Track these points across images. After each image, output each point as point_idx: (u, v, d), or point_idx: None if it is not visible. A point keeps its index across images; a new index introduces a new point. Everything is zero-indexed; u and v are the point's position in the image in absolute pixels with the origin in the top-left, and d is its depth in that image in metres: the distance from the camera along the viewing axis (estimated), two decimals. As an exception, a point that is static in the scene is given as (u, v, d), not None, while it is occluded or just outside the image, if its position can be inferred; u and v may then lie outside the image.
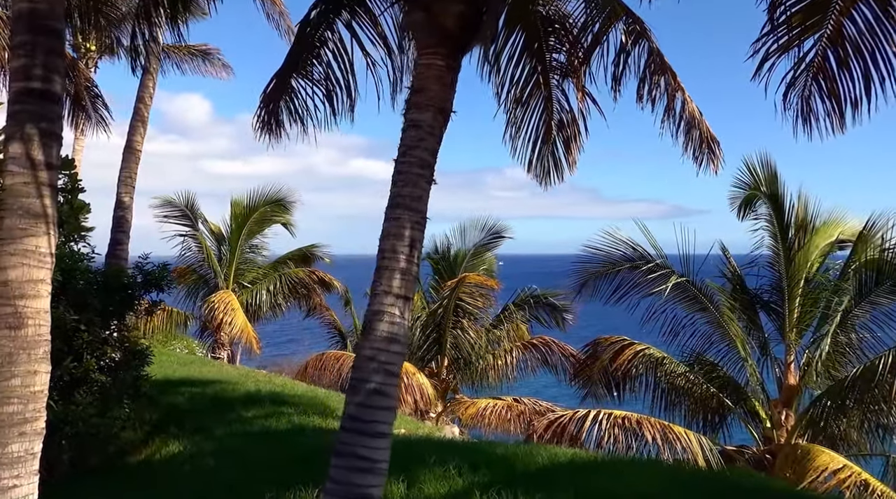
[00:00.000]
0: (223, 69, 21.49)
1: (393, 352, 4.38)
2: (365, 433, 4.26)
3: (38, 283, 4.40)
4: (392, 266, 4.45)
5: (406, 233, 4.49)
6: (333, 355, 18.47)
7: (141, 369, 8.83)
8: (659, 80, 7.52)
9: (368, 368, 4.34)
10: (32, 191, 4.39)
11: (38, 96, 4.46)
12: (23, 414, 4.27)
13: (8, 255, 4.32)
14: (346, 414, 4.38)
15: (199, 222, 19.51)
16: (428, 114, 4.68)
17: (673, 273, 12.20)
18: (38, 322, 4.38)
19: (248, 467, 7.31)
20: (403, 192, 4.58)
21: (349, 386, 4.48)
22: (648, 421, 11.47)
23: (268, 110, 6.81)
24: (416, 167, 4.60)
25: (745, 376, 12.22)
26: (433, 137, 4.71)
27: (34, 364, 4.34)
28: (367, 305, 4.51)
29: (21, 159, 4.38)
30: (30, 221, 4.37)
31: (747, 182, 12.77)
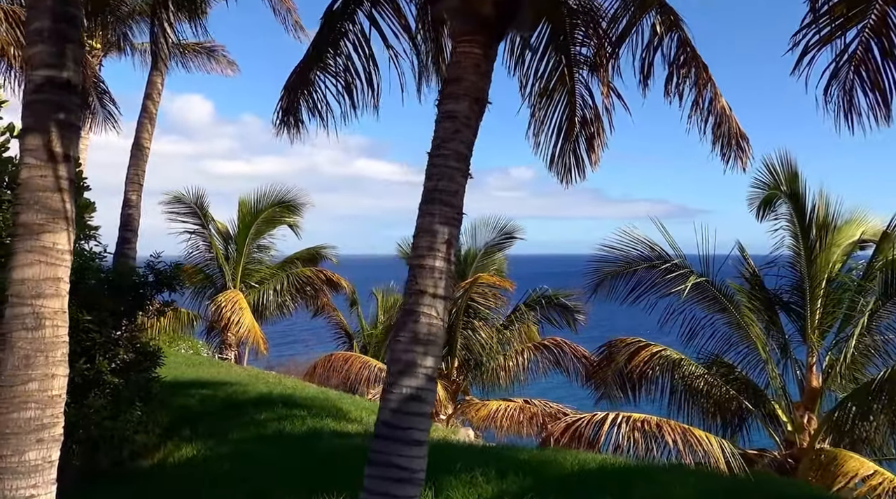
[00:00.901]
0: (228, 66, 21.25)
1: (430, 355, 4.15)
2: (401, 441, 4.04)
3: (55, 281, 4.18)
4: (428, 264, 4.23)
5: (442, 229, 4.27)
6: (342, 356, 18.25)
7: (152, 371, 8.60)
8: (689, 73, 7.29)
9: (404, 372, 4.11)
10: (50, 185, 4.17)
11: (55, 86, 4.24)
12: (40, 420, 4.05)
13: (24, 252, 4.10)
14: (381, 420, 4.16)
15: (207, 221, 19.27)
16: (464, 104, 4.46)
17: (692, 273, 11.95)
18: (56, 323, 4.16)
19: (267, 472, 7.09)
20: (439, 186, 4.35)
21: (383, 391, 4.25)
22: (668, 424, 11.21)
23: (287, 106, 6.61)
24: (451, 160, 4.38)
25: (766, 378, 11.97)
26: (469, 129, 4.48)
27: (52, 367, 4.12)
28: (402, 305, 4.28)
29: (39, 152, 4.16)
30: (47, 217, 4.15)
31: (766, 182, 12.52)
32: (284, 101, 6.44)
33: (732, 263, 12.90)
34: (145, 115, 13.56)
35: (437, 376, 4.29)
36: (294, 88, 6.65)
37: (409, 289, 4.28)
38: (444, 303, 4.29)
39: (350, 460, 7.64)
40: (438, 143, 4.45)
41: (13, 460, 3.95)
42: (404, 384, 4.10)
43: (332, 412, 10.60)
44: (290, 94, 6.58)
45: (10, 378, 4.01)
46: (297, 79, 6.70)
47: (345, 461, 7.60)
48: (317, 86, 6.77)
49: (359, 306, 22.71)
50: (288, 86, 6.67)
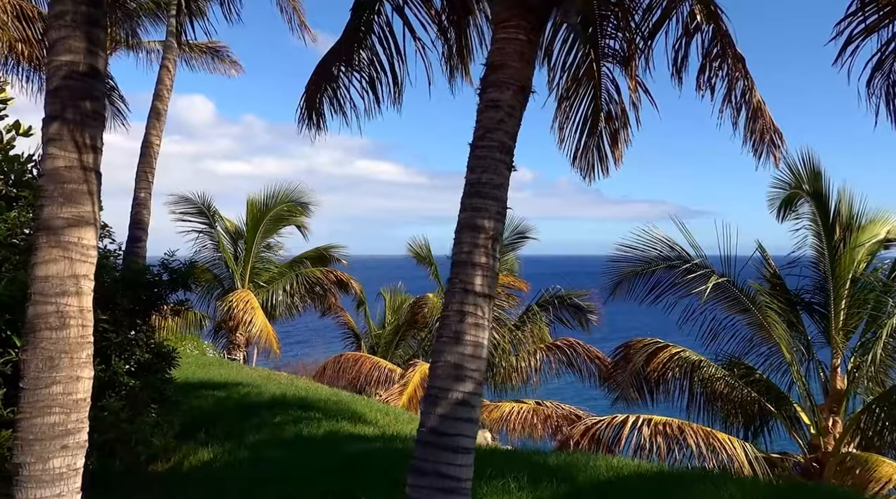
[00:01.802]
0: (232, 66, 21.04)
1: (478, 357, 3.92)
2: (448, 449, 3.81)
3: (80, 278, 3.95)
4: (473, 261, 4.00)
5: (487, 224, 4.04)
6: (351, 357, 18.08)
7: (167, 372, 8.36)
8: (722, 65, 7.06)
9: (451, 376, 3.88)
10: (75, 176, 3.95)
11: (80, 72, 4.02)
12: (65, 425, 3.82)
13: (48, 247, 3.87)
14: (427, 427, 3.92)
15: (215, 220, 19.05)
16: (508, 93, 4.24)
17: (713, 273, 11.72)
18: (81, 322, 3.94)
19: (288, 477, 6.87)
20: (483, 179, 4.13)
21: (427, 395, 4.02)
22: (690, 427, 11.01)
23: (310, 102, 6.41)
24: (496, 152, 4.15)
25: (788, 380, 11.75)
26: (513, 119, 4.26)
27: (77, 369, 3.90)
28: (445, 305, 4.05)
29: (63, 141, 3.94)
30: (72, 210, 3.92)
31: (788, 181, 12.30)
32: (307, 98, 6.24)
33: (753, 263, 12.70)
34: (154, 112, 13.34)
35: (483, 379, 4.06)
36: (317, 84, 6.45)
37: (453, 287, 4.05)
38: (490, 302, 4.06)
39: (372, 464, 7.43)
40: (482, 133, 4.23)
41: (37, 468, 3.73)
42: (451, 389, 3.87)
43: (347, 415, 10.38)
44: (313, 91, 6.38)
45: (32, 381, 3.79)
46: (320, 74, 6.52)
47: (367, 466, 7.39)
48: (341, 81, 6.59)
49: (366, 306, 22.52)
50: (311, 82, 6.49)
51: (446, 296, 4.09)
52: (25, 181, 8.24)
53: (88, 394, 3.99)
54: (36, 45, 13.81)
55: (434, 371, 4.02)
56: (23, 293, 6.42)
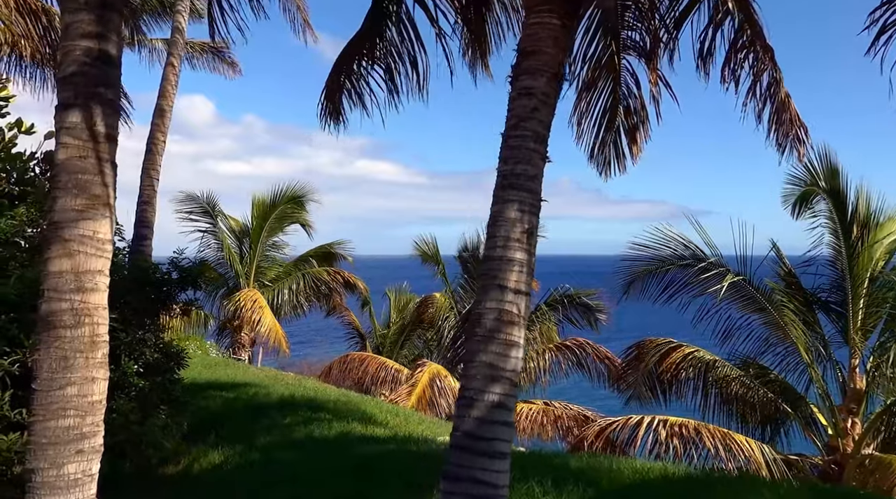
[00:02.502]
0: (231, 68, 20.91)
1: (513, 357, 3.73)
2: (485, 454, 3.61)
3: (95, 274, 3.76)
4: (508, 256, 3.81)
5: (522, 217, 3.85)
6: (357, 357, 17.90)
7: (176, 373, 8.18)
8: (748, 55, 6.86)
9: (486, 377, 3.69)
10: (90, 166, 3.76)
11: (96, 58, 3.82)
12: (80, 429, 3.63)
13: (62, 241, 3.68)
14: (462, 431, 3.72)
15: (219, 219, 18.87)
16: (542, 80, 4.05)
17: (728, 272, 11.53)
18: (95, 320, 3.74)
19: (301, 481, 6.68)
20: (517, 170, 3.93)
21: (461, 397, 3.82)
22: (707, 429, 10.81)
23: (330, 97, 6.26)
24: (530, 141, 3.96)
25: (805, 380, 11.55)
26: (547, 107, 4.07)
27: (92, 370, 3.70)
28: (477, 302, 3.85)
29: (78, 130, 3.75)
30: (87, 202, 3.73)
31: (803, 178, 12.08)
32: (328, 93, 6.08)
33: (766, 263, 12.50)
34: (159, 110, 13.16)
35: (518, 381, 3.87)
36: (337, 79, 6.31)
37: (486, 284, 3.85)
38: (526, 299, 3.87)
39: (385, 467, 7.24)
40: (515, 122, 4.04)
41: (51, 474, 3.54)
42: (486, 390, 3.68)
43: (357, 416, 10.19)
44: (334, 86, 6.23)
45: (46, 382, 3.60)
46: (340, 68, 6.37)
47: (380, 468, 7.21)
48: (360, 73, 6.44)
49: (371, 306, 22.34)
50: (331, 77, 6.34)
51: (479, 293, 3.90)
52: (28, 179, 8.08)
53: (104, 396, 3.80)
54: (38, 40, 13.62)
55: (468, 372, 3.82)
56: (31, 291, 6.28)
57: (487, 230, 3.99)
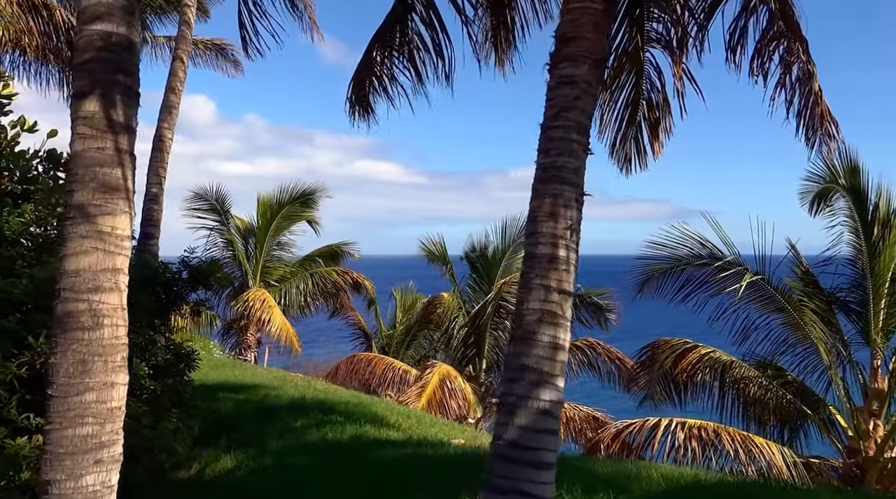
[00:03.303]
0: (234, 65, 20.72)
1: (559, 360, 3.51)
2: (530, 464, 3.39)
3: (115, 273, 3.54)
4: (551, 254, 3.59)
5: (565, 212, 3.63)
6: (365, 358, 17.70)
7: (186, 374, 7.96)
8: (778, 47, 6.63)
9: (530, 382, 3.47)
10: (109, 159, 3.54)
11: (113, 43, 3.60)
12: (99, 437, 3.41)
13: (79, 237, 3.46)
14: (505, 439, 3.50)
15: (228, 218, 18.64)
16: (584, 67, 3.83)
17: (746, 271, 11.30)
18: (115, 322, 3.52)
19: (318, 487, 6.47)
20: (559, 162, 3.71)
21: (503, 403, 3.60)
22: (726, 431, 10.59)
23: (357, 91, 6.09)
24: (573, 132, 3.74)
25: (825, 381, 11.32)
26: (589, 96, 3.85)
27: (111, 374, 3.49)
28: (519, 302, 3.63)
29: (95, 120, 3.53)
30: (105, 196, 3.51)
31: (822, 175, 11.87)
32: (355, 87, 5.92)
33: (785, 262, 12.28)
34: (167, 106, 12.93)
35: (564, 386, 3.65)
36: (364, 72, 6.14)
37: (528, 284, 3.64)
38: (570, 300, 3.65)
39: (404, 471, 7.04)
40: (556, 112, 3.82)
41: (68, 486, 3.32)
42: (531, 396, 3.46)
43: (369, 418, 9.98)
44: (361, 80, 6.06)
45: (63, 388, 3.38)
46: (366, 62, 6.21)
47: (399, 473, 7.01)
48: (385, 66, 6.28)
49: (376, 306, 22.14)
50: (358, 71, 6.19)
51: (520, 292, 3.67)
52: (31, 178, 7.88)
53: (123, 402, 3.59)
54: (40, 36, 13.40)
55: (510, 376, 3.60)
56: (40, 291, 6.07)
57: (527, 226, 3.78)
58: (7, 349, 6.03)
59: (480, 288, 17.10)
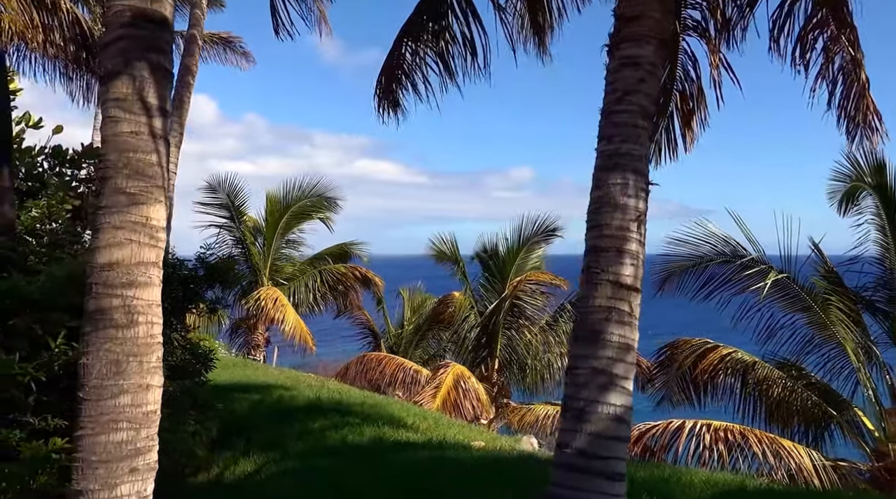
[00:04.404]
0: (244, 57, 20.43)
1: (628, 362, 3.26)
2: (601, 475, 3.14)
3: (149, 266, 3.30)
4: (617, 246, 3.34)
5: (632, 203, 3.38)
6: (375, 357, 17.45)
7: (203, 375, 7.71)
8: (821, 34, 6.39)
9: (599, 385, 3.22)
10: (143, 144, 3.29)
11: (147, 19, 3.36)
12: (134, 443, 3.16)
13: (112, 228, 3.21)
14: (574, 448, 3.25)
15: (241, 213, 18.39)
16: (648, 48, 3.58)
17: (771, 269, 11.06)
18: (150, 319, 3.28)
19: (347, 492, 6.22)
20: (623, 149, 3.46)
21: (567, 408, 3.35)
22: (753, 433, 10.35)
23: (386, 85, 5.87)
24: (637, 117, 3.50)
25: (852, 382, 11.07)
26: (654, 78, 3.61)
27: (146, 375, 3.24)
28: (582, 299, 3.38)
29: (128, 102, 3.28)
30: (140, 184, 3.26)
31: (848, 173, 11.64)
32: (384, 82, 5.69)
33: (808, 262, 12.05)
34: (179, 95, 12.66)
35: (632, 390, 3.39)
36: (392, 66, 5.93)
37: (592, 279, 3.38)
38: (638, 297, 3.40)
39: (429, 476, 6.82)
40: (619, 96, 3.56)
41: (101, 497, 3.07)
42: (600, 401, 3.20)
43: (386, 419, 9.74)
44: (389, 74, 5.84)
45: (95, 390, 3.13)
46: (394, 56, 6.00)
47: (423, 477, 6.77)
48: (415, 59, 6.07)
49: (384, 305, 21.90)
50: (386, 65, 5.98)
51: (584, 288, 3.42)
52: (36, 175, 7.66)
53: (158, 405, 3.35)
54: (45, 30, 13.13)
55: (576, 379, 3.35)
56: (57, 289, 5.82)
57: (588, 217, 3.53)
58: (23, 350, 5.79)
59: (493, 287, 16.86)
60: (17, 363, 5.57)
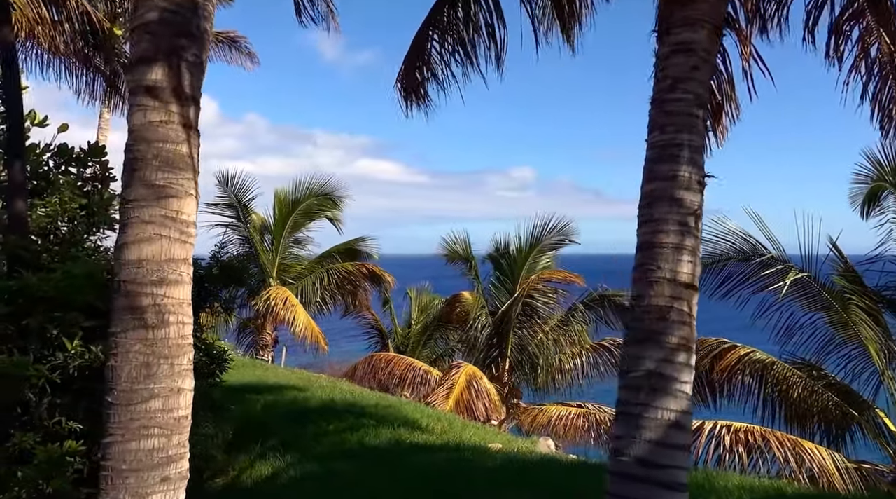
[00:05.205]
0: (249, 58, 20.23)
1: (687, 364, 3.08)
2: (662, 485, 2.96)
3: (180, 263, 3.12)
4: (673, 242, 3.16)
5: (687, 196, 3.20)
6: (384, 357, 17.29)
7: (217, 376, 7.54)
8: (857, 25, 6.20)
9: (657, 390, 3.04)
10: (174, 134, 3.11)
11: (178, 1, 3.18)
12: (166, 451, 2.99)
13: (141, 222, 3.03)
14: (632, 456, 3.07)
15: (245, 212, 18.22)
16: (702, 33, 3.40)
17: (791, 268, 10.87)
18: (181, 319, 3.10)
19: (367, 495, 6.05)
20: (678, 139, 3.28)
21: (623, 413, 3.16)
22: (775, 435, 10.17)
23: (409, 77, 5.71)
24: (692, 106, 3.31)
25: (874, 383, 10.87)
26: (708, 65, 3.42)
27: (178, 379, 3.06)
28: (635, 297, 3.20)
29: (159, 88, 3.10)
30: (170, 176, 3.09)
31: (870, 174, 11.48)
32: (405, 74, 5.53)
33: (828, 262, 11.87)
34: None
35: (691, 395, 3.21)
36: (414, 59, 5.78)
37: (648, 276, 3.20)
38: (696, 295, 3.22)
39: (451, 480, 6.66)
40: (670, 84, 3.38)
41: (133, 507, 2.90)
42: (659, 406, 3.03)
43: (401, 421, 9.57)
44: (411, 66, 5.68)
45: (125, 394, 2.95)
46: (416, 48, 5.85)
47: (445, 479, 6.61)
48: (436, 51, 5.92)
49: (391, 304, 21.73)
50: (408, 57, 5.83)
51: (638, 287, 3.24)
52: (42, 173, 7.50)
53: (189, 410, 3.17)
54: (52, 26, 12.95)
55: (631, 382, 3.17)
56: (73, 287, 5.65)
57: (641, 212, 3.35)
58: (36, 351, 5.63)
59: (504, 286, 16.68)
60: (32, 365, 5.42)
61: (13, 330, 5.65)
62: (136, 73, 3.16)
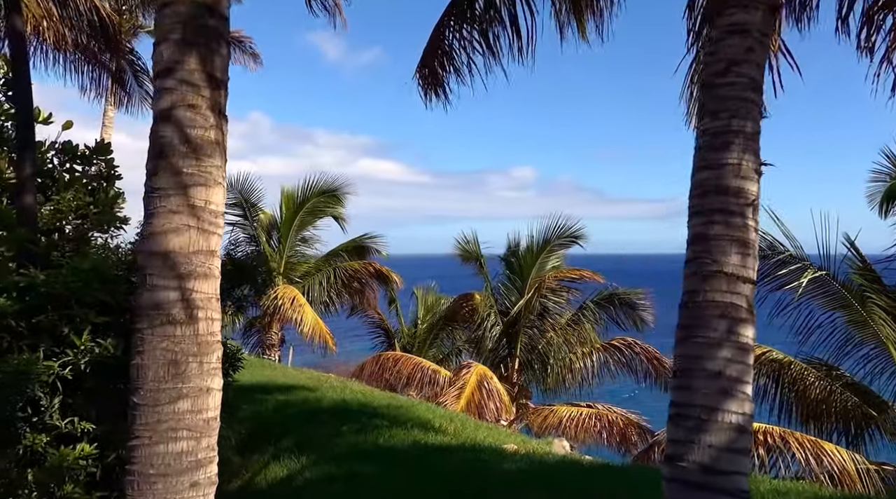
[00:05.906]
0: (252, 58, 20.12)
1: (748, 365, 2.90)
2: (724, 492, 2.79)
3: (208, 255, 2.96)
4: (729, 234, 2.98)
5: (743, 186, 3.02)
6: (392, 357, 17.11)
7: (230, 375, 7.36)
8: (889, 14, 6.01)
9: (717, 391, 2.86)
10: (201, 119, 2.94)
11: (205, -18, 3.01)
12: (195, 454, 2.82)
13: (169, 212, 2.87)
14: (692, 461, 2.88)
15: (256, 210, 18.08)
16: (757, 13, 3.22)
17: (809, 266, 10.69)
18: (209, 314, 2.93)
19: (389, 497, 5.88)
20: (733, 125, 3.10)
21: (678, 415, 2.98)
22: (794, 436, 10.00)
23: (430, 69, 5.56)
24: (747, 90, 3.14)
25: (894, 383, 10.70)
26: (763, 48, 3.24)
27: (206, 378, 2.89)
28: (689, 293, 3.02)
29: (186, 72, 2.93)
30: (198, 164, 2.92)
31: (889, 172, 11.30)
32: (426, 65, 5.38)
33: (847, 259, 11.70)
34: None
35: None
36: (434, 50, 5.63)
37: (702, 270, 3.02)
38: (753, 291, 3.04)
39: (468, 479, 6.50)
40: (724, 67, 3.20)
41: (160, 515, 2.72)
42: (720, 408, 2.85)
43: (414, 422, 9.41)
44: (431, 58, 5.54)
45: (152, 394, 2.78)
46: (436, 40, 5.70)
47: (463, 481, 6.44)
48: (457, 42, 5.77)
49: (397, 304, 21.55)
50: (427, 50, 5.71)
51: (691, 282, 3.06)
52: (46, 171, 7.34)
53: (218, 411, 2.99)
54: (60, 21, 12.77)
55: (688, 383, 2.98)
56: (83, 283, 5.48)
57: (692, 203, 3.17)
58: (47, 348, 5.45)
59: (514, 285, 16.51)
60: (43, 362, 5.26)
61: (24, 328, 5.48)
62: (161, 54, 2.99)
